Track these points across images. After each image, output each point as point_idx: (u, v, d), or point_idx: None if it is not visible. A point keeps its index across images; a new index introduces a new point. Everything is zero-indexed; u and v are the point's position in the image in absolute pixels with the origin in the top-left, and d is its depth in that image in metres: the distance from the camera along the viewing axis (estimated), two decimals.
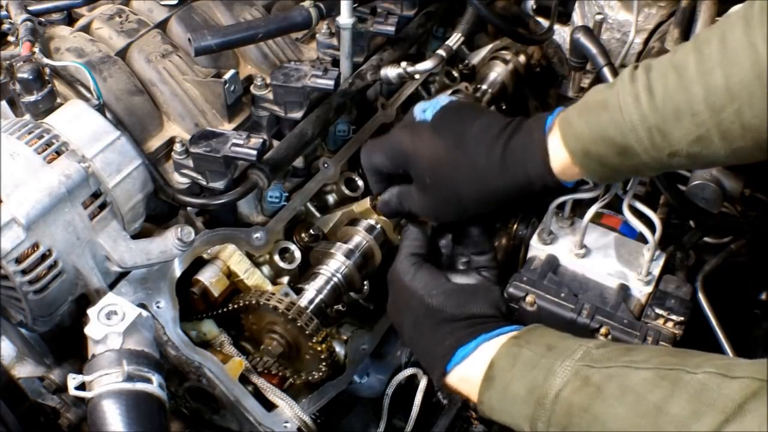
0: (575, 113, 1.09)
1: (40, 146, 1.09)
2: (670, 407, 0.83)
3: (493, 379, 1.02)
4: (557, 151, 1.09)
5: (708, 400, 0.80)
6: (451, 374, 1.09)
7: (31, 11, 1.37)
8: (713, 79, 0.96)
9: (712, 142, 0.99)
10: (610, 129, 1.04)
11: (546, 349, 0.99)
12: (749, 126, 0.96)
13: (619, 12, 1.88)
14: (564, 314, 1.24)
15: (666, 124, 1.00)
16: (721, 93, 0.96)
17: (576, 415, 0.91)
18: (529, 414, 0.96)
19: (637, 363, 0.90)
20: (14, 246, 1.03)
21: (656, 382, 0.86)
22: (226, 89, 1.31)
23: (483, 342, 1.07)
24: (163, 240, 1.19)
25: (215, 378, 1.19)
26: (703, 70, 0.97)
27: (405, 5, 1.62)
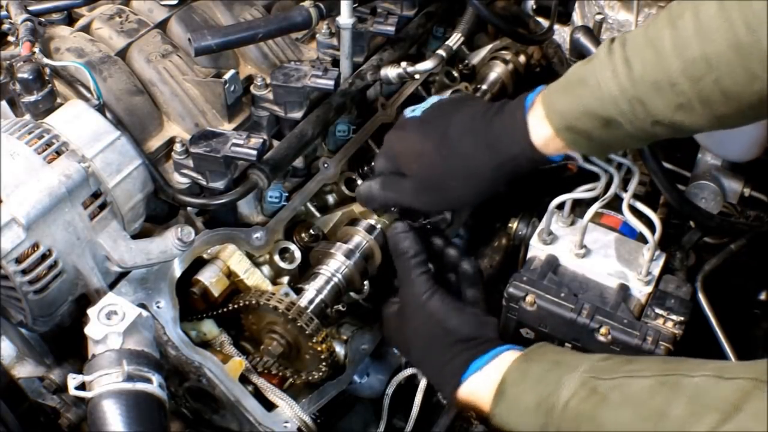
0: (557, 91, 1.12)
1: (40, 146, 1.09)
2: (671, 410, 0.86)
3: (504, 393, 1.07)
4: (539, 126, 1.12)
5: (705, 402, 0.84)
6: (463, 388, 1.14)
7: (31, 11, 1.37)
8: (690, 52, 0.98)
9: (693, 110, 1.00)
10: (592, 103, 1.06)
11: (553, 364, 1.05)
12: (730, 93, 0.97)
13: (619, 12, 1.88)
14: (564, 314, 1.24)
15: (646, 96, 1.02)
16: (699, 64, 0.97)
17: (583, 422, 0.95)
18: (539, 423, 1.01)
19: (638, 372, 0.95)
20: (14, 246, 1.03)
21: (656, 388, 0.90)
22: (226, 89, 1.31)
23: (496, 356, 1.13)
24: (163, 240, 1.19)
25: (215, 378, 1.19)
26: (679, 44, 0.99)
27: (405, 5, 1.62)
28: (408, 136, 1.24)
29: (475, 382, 1.13)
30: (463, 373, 1.14)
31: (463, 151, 1.17)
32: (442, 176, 1.20)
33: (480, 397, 1.12)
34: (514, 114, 1.15)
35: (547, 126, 1.11)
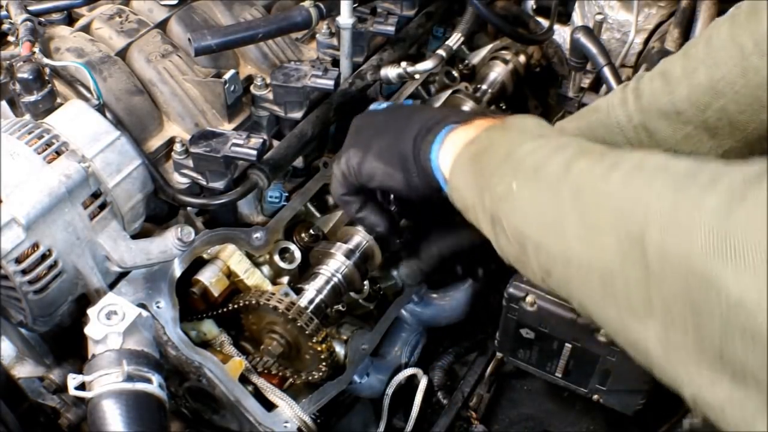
0: (569, 119, 1.13)
1: (40, 146, 1.09)
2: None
3: (477, 141, 0.96)
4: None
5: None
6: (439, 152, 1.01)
7: (31, 11, 1.37)
8: (696, 78, 0.98)
9: (701, 141, 1.00)
10: (599, 129, 1.06)
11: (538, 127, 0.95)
12: (736, 123, 0.96)
13: (619, 12, 1.88)
14: (564, 314, 1.24)
15: (651, 123, 1.02)
16: (705, 90, 0.97)
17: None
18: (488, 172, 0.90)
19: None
20: (14, 246, 1.03)
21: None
22: (226, 89, 1.31)
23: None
24: (163, 240, 1.19)
25: (215, 378, 1.19)
26: (688, 71, 0.99)
27: (405, 5, 1.62)
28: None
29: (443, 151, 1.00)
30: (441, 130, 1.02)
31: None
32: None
33: (444, 160, 1.00)
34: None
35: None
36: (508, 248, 0.86)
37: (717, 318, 0.59)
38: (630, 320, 0.68)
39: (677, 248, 0.62)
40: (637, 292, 0.66)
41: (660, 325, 0.65)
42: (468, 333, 1.64)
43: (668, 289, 0.63)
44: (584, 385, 1.33)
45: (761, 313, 0.55)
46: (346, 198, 1.16)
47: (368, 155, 1.09)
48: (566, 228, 0.75)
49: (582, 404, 1.53)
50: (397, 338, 1.54)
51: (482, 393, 1.54)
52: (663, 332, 0.65)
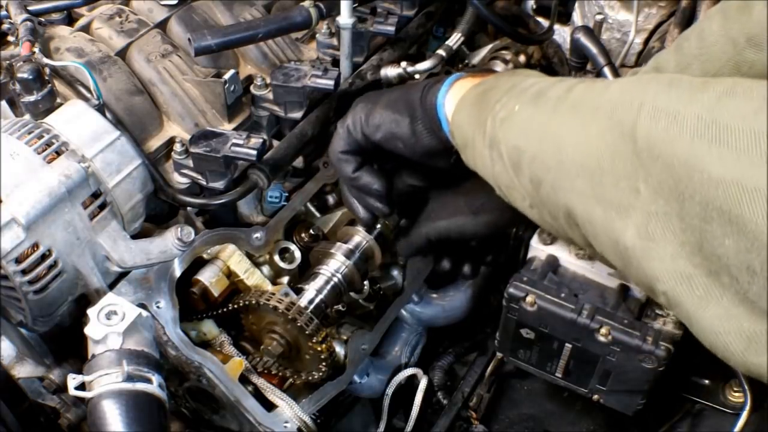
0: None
1: (40, 146, 1.09)
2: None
3: (478, 86, 1.00)
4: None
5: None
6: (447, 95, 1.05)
7: (31, 11, 1.37)
8: (690, 74, 0.96)
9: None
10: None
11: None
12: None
13: (619, 12, 1.88)
14: (564, 314, 1.24)
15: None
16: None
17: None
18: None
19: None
20: (14, 246, 1.03)
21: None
22: (226, 89, 1.31)
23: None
24: (163, 240, 1.19)
25: (215, 378, 1.19)
26: (681, 67, 0.99)
27: (405, 5, 1.61)
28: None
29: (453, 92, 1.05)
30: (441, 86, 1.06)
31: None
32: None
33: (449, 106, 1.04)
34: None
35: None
36: (502, 173, 0.89)
37: (698, 199, 0.61)
38: (614, 216, 0.71)
39: (665, 134, 0.64)
40: (624, 184, 0.69)
41: (642, 215, 0.67)
42: (468, 333, 1.64)
43: (655, 174, 0.65)
44: (584, 385, 1.33)
45: (740, 191, 0.57)
46: (344, 156, 1.17)
47: (377, 106, 1.12)
48: (563, 135, 0.78)
49: (582, 404, 1.54)
50: (397, 338, 1.54)
51: (482, 393, 1.54)
52: (644, 222, 0.67)
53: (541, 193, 0.82)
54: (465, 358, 1.63)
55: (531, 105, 0.86)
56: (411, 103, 1.08)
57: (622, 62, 1.89)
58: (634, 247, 0.69)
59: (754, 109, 0.59)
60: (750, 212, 0.57)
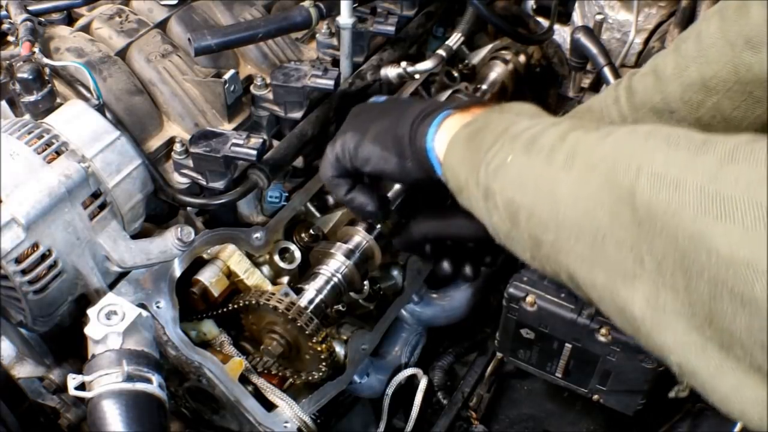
0: (563, 117, 1.09)
1: (40, 146, 1.09)
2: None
3: (472, 124, 0.95)
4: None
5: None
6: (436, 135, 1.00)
7: (31, 11, 1.37)
8: (688, 76, 0.96)
9: None
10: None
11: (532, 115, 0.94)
12: (731, 119, 0.95)
13: (619, 12, 1.88)
14: (564, 314, 1.24)
15: (644, 122, 0.99)
16: (697, 89, 0.95)
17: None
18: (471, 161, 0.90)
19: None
20: (14, 246, 1.03)
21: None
22: (226, 89, 1.31)
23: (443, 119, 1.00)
24: (163, 240, 1.19)
25: (215, 378, 1.19)
26: (679, 68, 0.97)
27: (405, 5, 1.62)
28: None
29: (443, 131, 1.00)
30: (437, 116, 1.00)
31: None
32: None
33: (440, 144, 0.99)
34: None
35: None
36: (500, 224, 0.85)
37: (706, 278, 0.58)
38: (619, 284, 0.68)
39: (667, 206, 0.61)
40: (627, 252, 0.66)
41: (650, 286, 0.64)
42: (468, 333, 1.64)
43: (659, 247, 0.62)
44: (584, 385, 1.33)
45: (751, 272, 0.55)
46: (336, 180, 1.15)
47: (365, 139, 1.08)
48: (559, 192, 0.74)
49: (582, 404, 1.53)
50: (397, 338, 1.54)
51: (482, 393, 1.54)
52: (653, 293, 0.64)
53: (542, 251, 0.79)
54: (465, 358, 1.63)
55: (524, 154, 0.81)
56: (399, 141, 1.04)
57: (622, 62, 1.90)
58: (644, 317, 0.66)
59: (758, 178, 0.56)
60: (763, 293, 0.54)
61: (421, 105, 1.05)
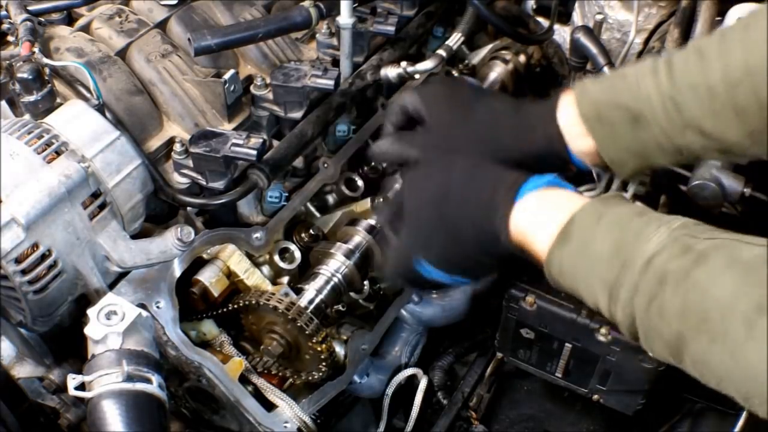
0: (593, 80, 1.08)
1: (40, 146, 1.09)
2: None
3: (569, 234, 0.90)
4: (568, 109, 1.06)
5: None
6: (516, 218, 0.95)
7: (31, 11, 1.37)
8: (732, 57, 0.97)
9: (727, 118, 0.98)
10: (625, 95, 1.02)
11: (636, 214, 0.89)
12: (765, 103, 0.95)
13: (619, 12, 1.87)
14: (564, 314, 1.24)
15: (681, 96, 0.99)
16: (739, 68, 0.96)
17: (671, 282, 0.81)
18: (610, 279, 0.86)
19: (746, 239, 0.82)
20: (14, 246, 1.03)
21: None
22: (226, 89, 1.31)
23: (546, 185, 0.96)
24: (163, 240, 1.19)
25: (215, 378, 1.19)
26: (724, 50, 0.98)
27: (405, 5, 1.62)
28: (438, 89, 1.15)
29: (532, 210, 0.94)
30: (516, 194, 0.95)
31: (491, 123, 1.08)
32: (462, 140, 1.08)
33: (535, 233, 0.93)
34: (547, 104, 1.09)
35: (575, 110, 1.04)
36: (660, 351, 0.86)
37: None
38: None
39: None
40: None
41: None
42: (468, 333, 1.64)
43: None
44: (584, 385, 1.33)
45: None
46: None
47: (425, 263, 1.02)
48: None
49: (582, 404, 1.54)
50: (397, 338, 1.54)
51: (482, 393, 1.54)
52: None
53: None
54: (465, 358, 1.63)
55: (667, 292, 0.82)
56: (468, 263, 1.00)
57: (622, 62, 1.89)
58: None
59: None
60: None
61: (478, 206, 0.99)
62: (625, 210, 0.90)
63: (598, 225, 0.89)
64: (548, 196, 0.96)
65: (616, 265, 0.85)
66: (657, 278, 0.82)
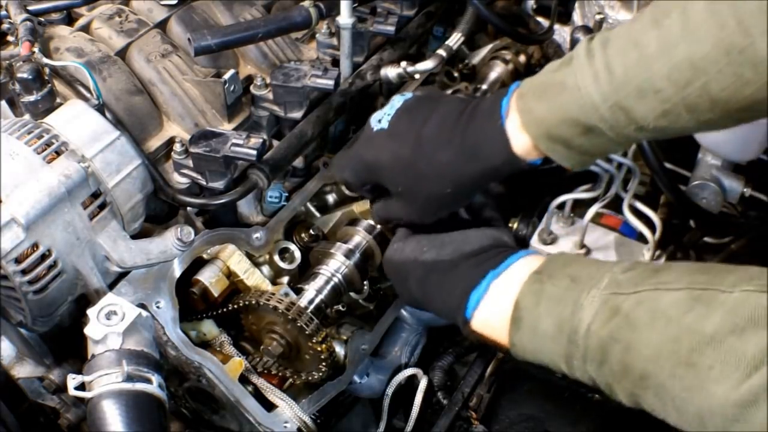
0: (533, 96, 1.05)
1: (40, 146, 1.09)
2: (705, 326, 0.79)
3: (520, 320, 0.99)
4: (518, 137, 1.06)
5: (747, 316, 0.77)
6: (474, 321, 1.06)
7: (31, 11, 1.37)
8: (676, 55, 0.92)
9: (679, 116, 0.95)
10: (573, 110, 1.00)
11: (570, 281, 0.95)
12: (717, 100, 0.92)
13: (619, 12, 1.87)
14: None
15: (628, 102, 0.96)
16: (685, 68, 0.92)
17: (609, 346, 0.88)
18: (562, 352, 0.94)
19: (666, 284, 0.86)
20: (14, 246, 1.03)
21: (688, 304, 0.82)
22: (226, 89, 1.31)
23: (492, 279, 1.04)
24: (163, 240, 1.19)
25: (215, 378, 1.19)
26: (665, 46, 0.93)
27: (405, 5, 1.62)
28: (381, 153, 1.16)
29: (483, 312, 1.05)
30: (466, 306, 1.05)
31: (442, 163, 1.10)
32: (426, 194, 1.14)
33: (494, 327, 1.03)
34: (491, 120, 1.08)
35: (526, 135, 1.05)
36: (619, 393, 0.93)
37: None
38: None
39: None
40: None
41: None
42: None
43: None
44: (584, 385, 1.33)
45: None
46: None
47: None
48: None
49: (582, 404, 1.53)
50: (397, 338, 1.54)
51: (482, 393, 1.54)
52: None
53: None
54: (465, 358, 1.62)
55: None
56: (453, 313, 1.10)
57: None
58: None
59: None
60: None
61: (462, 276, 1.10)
62: (561, 280, 0.96)
63: (539, 305, 0.97)
64: (497, 287, 1.04)
65: (562, 340, 0.93)
66: (598, 345, 0.89)
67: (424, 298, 1.14)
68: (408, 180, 1.14)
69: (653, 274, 0.90)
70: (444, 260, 1.10)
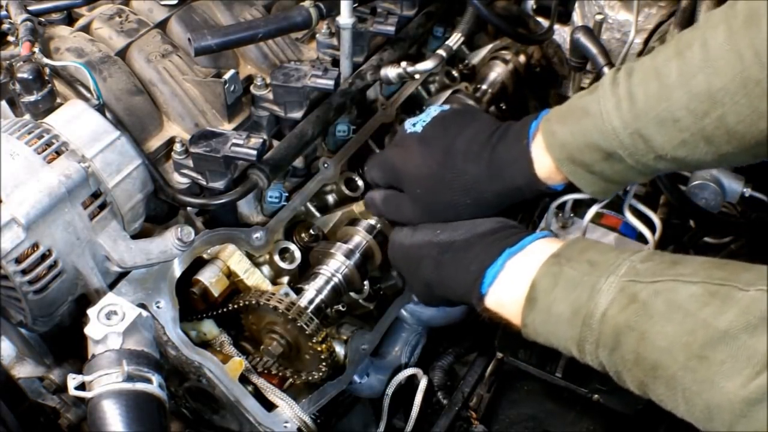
0: (557, 120, 1.09)
1: (40, 146, 1.09)
2: (720, 322, 0.80)
3: (535, 300, 1.00)
4: (542, 159, 1.10)
5: (761, 314, 0.78)
6: (488, 297, 1.07)
7: (31, 11, 1.37)
8: (695, 86, 0.95)
9: (697, 147, 0.98)
10: (594, 135, 1.04)
11: (588, 266, 0.96)
12: (734, 132, 0.95)
13: (619, 12, 1.87)
14: None
15: (648, 130, 0.99)
16: (704, 99, 0.94)
17: (623, 334, 0.88)
18: (575, 336, 0.94)
19: (684, 276, 0.87)
20: (14, 246, 1.03)
21: (705, 299, 0.83)
22: (226, 89, 1.31)
23: (509, 257, 1.05)
24: (163, 240, 1.19)
25: (215, 378, 1.19)
26: (685, 76, 0.96)
27: (405, 5, 1.62)
28: (409, 156, 1.20)
29: (498, 289, 1.06)
30: (482, 282, 1.06)
31: (468, 178, 1.14)
32: (446, 202, 1.17)
33: (507, 306, 1.04)
34: (519, 142, 1.12)
35: (549, 158, 1.09)
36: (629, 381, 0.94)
37: None
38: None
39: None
40: None
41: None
42: (468, 333, 1.64)
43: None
44: (584, 385, 1.33)
45: None
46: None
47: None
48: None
49: (582, 404, 1.53)
50: (397, 338, 1.54)
51: (482, 393, 1.54)
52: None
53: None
54: (465, 358, 1.63)
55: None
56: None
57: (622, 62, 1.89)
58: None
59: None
60: None
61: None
62: (580, 264, 0.97)
63: (556, 287, 0.97)
64: (514, 265, 1.05)
65: (577, 324, 0.93)
66: (612, 331, 0.90)
67: (438, 278, 1.14)
68: (430, 184, 1.17)
69: (672, 266, 0.90)
70: (459, 239, 1.11)
